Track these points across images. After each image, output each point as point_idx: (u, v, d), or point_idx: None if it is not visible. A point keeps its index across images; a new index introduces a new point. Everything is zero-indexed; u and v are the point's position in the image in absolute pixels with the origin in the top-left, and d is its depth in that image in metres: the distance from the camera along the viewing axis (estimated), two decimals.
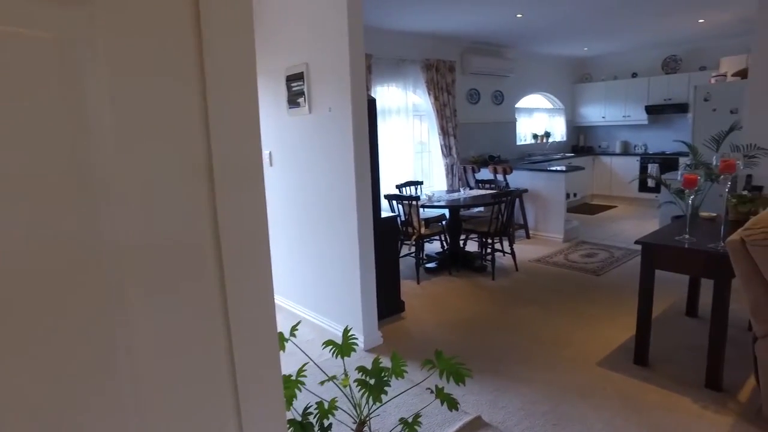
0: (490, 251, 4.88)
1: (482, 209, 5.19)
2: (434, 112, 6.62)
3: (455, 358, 1.61)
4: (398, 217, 4.57)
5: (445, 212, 5.24)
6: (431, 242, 5.67)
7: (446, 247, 5.32)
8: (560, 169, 6.41)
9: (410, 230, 4.70)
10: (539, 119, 9.27)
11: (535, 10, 5.35)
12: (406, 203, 4.61)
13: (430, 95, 6.56)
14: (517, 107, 8.42)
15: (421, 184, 5.76)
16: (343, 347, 1.84)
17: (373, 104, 3.57)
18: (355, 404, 1.72)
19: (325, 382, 1.77)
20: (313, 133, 3.57)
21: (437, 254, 5.38)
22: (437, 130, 6.69)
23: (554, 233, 6.27)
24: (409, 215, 4.63)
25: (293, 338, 1.86)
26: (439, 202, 4.88)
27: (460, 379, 1.61)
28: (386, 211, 4.64)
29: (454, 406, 1.69)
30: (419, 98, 6.67)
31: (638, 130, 8.97)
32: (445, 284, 4.76)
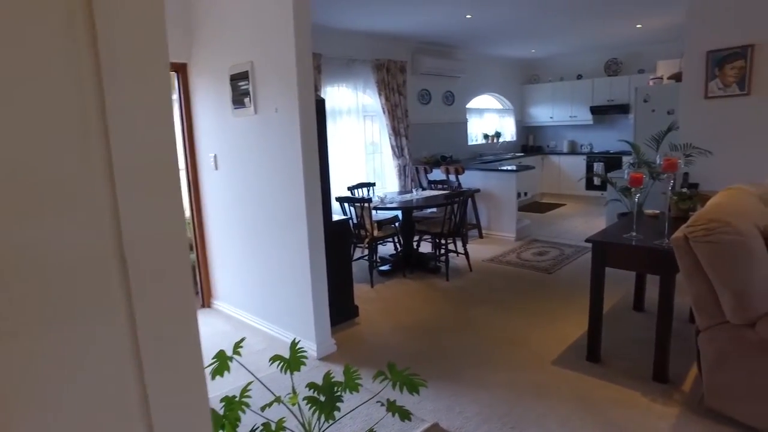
0: (443, 252, 4.86)
1: (435, 210, 5.16)
2: (385, 112, 6.56)
3: (408, 369, 1.53)
4: (350, 219, 4.47)
5: (398, 214, 5.18)
6: (384, 244, 5.60)
7: (400, 249, 5.26)
8: (511, 168, 6.50)
9: (363, 233, 4.61)
10: (490, 119, 9.40)
11: (483, 11, 5.39)
12: (358, 205, 4.52)
13: (381, 96, 6.50)
14: (468, 108, 8.50)
15: (373, 185, 5.68)
16: (291, 361, 1.73)
17: (321, 104, 3.46)
18: (304, 423, 1.62)
19: (272, 403, 1.65)
20: (259, 134, 3.42)
21: (391, 256, 5.32)
22: (389, 130, 6.64)
23: (506, 232, 6.34)
24: (361, 218, 4.54)
25: (237, 356, 1.73)
26: (391, 203, 4.82)
27: (414, 389, 1.54)
28: (338, 213, 4.53)
29: (407, 416, 1.62)
30: (370, 99, 6.60)
31: (584, 129, 9.24)
32: (399, 287, 4.70)
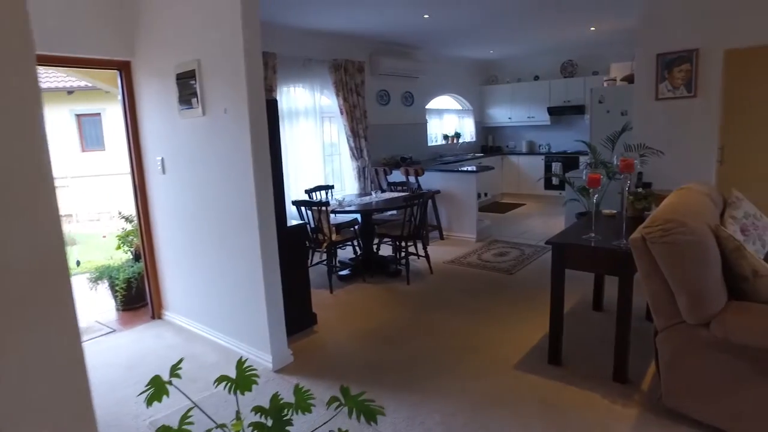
0: (404, 255, 4.78)
1: (395, 212, 5.09)
2: (343, 113, 6.45)
3: (363, 393, 1.43)
4: (307, 224, 4.34)
5: (357, 217, 5.08)
6: (344, 248, 5.49)
7: (359, 252, 5.16)
8: (471, 169, 6.50)
9: (321, 237, 4.48)
10: (449, 120, 9.42)
11: (440, 11, 5.35)
12: (315, 209, 4.39)
13: (339, 97, 6.38)
14: (427, 108, 8.48)
15: (331, 188, 5.55)
16: (238, 382, 1.60)
17: (273, 105, 3.32)
18: None
19: (211, 430, 1.51)
20: (208, 136, 3.25)
21: (351, 260, 5.21)
22: (347, 132, 6.53)
23: (467, 233, 6.33)
24: (319, 221, 4.41)
25: (177, 378, 1.58)
26: (350, 206, 4.71)
27: (371, 417, 1.43)
28: (295, 218, 4.39)
29: None
30: (328, 100, 6.47)
31: (542, 130, 9.38)
32: (359, 292, 4.60)
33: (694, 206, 2.59)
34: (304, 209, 4.44)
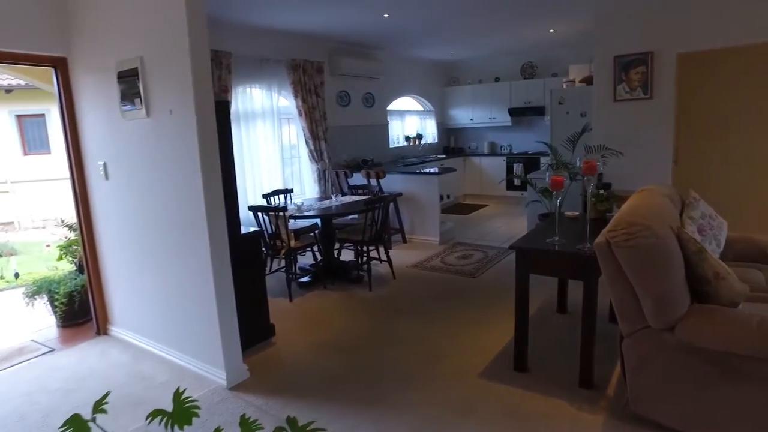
0: (366, 260, 4.65)
1: (356, 216, 4.94)
2: (302, 115, 6.26)
3: (312, 423, 1.29)
4: (264, 230, 4.16)
5: (317, 222, 4.91)
6: (303, 255, 5.31)
7: (320, 258, 5.00)
8: (433, 171, 6.43)
9: (279, 244, 4.29)
10: (411, 122, 9.35)
11: (400, 10, 5.25)
12: (272, 215, 4.21)
13: (297, 98, 6.20)
14: (389, 110, 8.38)
15: (290, 192, 5.36)
16: (175, 415, 1.42)
17: (224, 106, 3.13)
18: None
19: None
20: (153, 139, 3.03)
21: (311, 267, 5.04)
22: (306, 134, 6.35)
23: (430, 236, 6.25)
24: (276, 227, 4.23)
25: (102, 414, 1.40)
26: (309, 211, 4.54)
27: None
28: (253, 224, 4.20)
29: None
30: (286, 101, 6.27)
31: (503, 131, 9.43)
32: (320, 299, 4.43)
33: (656, 208, 2.56)
34: (261, 215, 4.24)
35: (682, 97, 4.94)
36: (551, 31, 6.80)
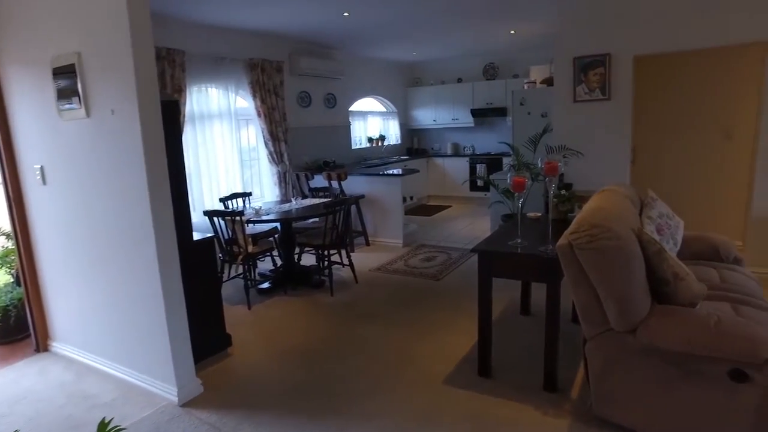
0: (327, 264, 4.52)
1: (317, 220, 4.81)
2: (261, 116, 6.08)
3: None
4: (221, 235, 3.98)
5: (277, 226, 4.75)
6: (263, 260, 5.14)
7: (280, 264, 4.84)
8: (396, 172, 6.35)
9: (236, 249, 4.12)
10: (374, 122, 9.26)
11: (360, 9, 5.15)
12: (229, 219, 4.03)
13: (255, 98, 6.01)
14: (351, 110, 8.26)
15: (249, 195, 5.18)
16: None
17: (173, 106, 2.96)
18: None
19: None
20: (94, 141, 2.83)
21: (271, 272, 4.87)
22: (266, 135, 6.16)
23: (393, 238, 6.17)
24: (234, 232, 4.06)
25: None
26: (268, 215, 4.37)
27: None
28: (209, 230, 4.01)
29: None
30: (245, 101, 6.08)
31: (466, 132, 9.46)
32: (280, 306, 4.28)
33: (617, 209, 2.55)
34: (217, 220, 4.06)
35: (638, 98, 5.03)
36: (512, 32, 6.83)
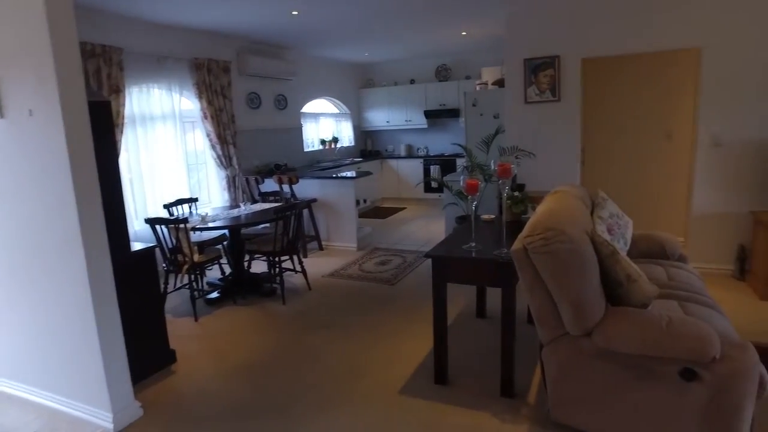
0: (278, 272, 4.35)
1: (267, 225, 4.63)
2: (207, 118, 5.83)
3: None
4: (164, 244, 3.75)
5: (225, 232, 4.54)
6: (210, 269, 4.91)
7: (229, 272, 4.63)
8: (349, 175, 6.24)
9: (181, 258, 3.89)
10: (326, 124, 9.11)
11: (309, 7, 5.01)
12: (172, 227, 3.80)
13: (201, 99, 5.76)
14: (302, 112, 8.08)
15: (195, 201, 4.93)
16: None
17: (103, 107, 2.73)
18: None
19: None
20: (10, 145, 2.57)
21: (220, 281, 4.65)
22: (213, 138, 5.91)
23: (347, 242, 6.05)
24: (178, 241, 3.83)
25: None
26: (214, 221, 4.16)
27: None
28: (152, 239, 3.77)
29: None
30: (190, 103, 5.81)
31: (419, 133, 9.45)
32: (229, 317, 4.08)
33: (570, 211, 2.53)
34: (159, 228, 3.82)
35: (587, 100, 5.13)
36: (463, 33, 6.85)
